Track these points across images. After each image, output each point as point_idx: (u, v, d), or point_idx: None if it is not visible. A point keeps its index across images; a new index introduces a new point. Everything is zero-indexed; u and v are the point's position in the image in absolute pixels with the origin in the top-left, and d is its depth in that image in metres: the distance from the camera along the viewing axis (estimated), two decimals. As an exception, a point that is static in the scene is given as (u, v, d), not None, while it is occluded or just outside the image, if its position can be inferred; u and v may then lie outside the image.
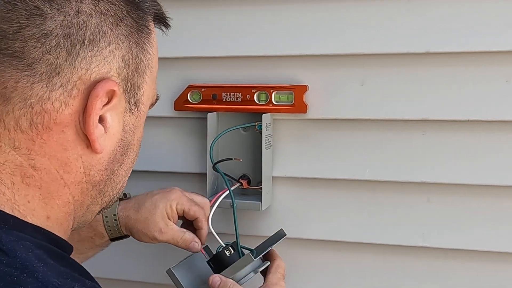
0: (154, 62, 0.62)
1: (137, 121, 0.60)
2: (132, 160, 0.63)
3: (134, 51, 0.57)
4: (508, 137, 0.87)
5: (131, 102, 0.58)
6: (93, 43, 0.53)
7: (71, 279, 0.49)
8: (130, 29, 0.57)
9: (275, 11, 0.94)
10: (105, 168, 0.58)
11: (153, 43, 0.61)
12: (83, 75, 0.53)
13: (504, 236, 0.88)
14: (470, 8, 0.85)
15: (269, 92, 0.93)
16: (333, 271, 0.96)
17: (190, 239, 0.86)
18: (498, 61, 0.86)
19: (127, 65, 0.57)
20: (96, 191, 0.59)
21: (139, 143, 0.63)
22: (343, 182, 0.94)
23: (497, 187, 0.88)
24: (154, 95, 0.64)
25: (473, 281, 0.90)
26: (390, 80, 0.90)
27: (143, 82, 0.59)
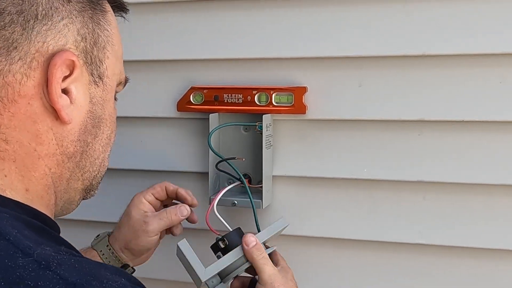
0: (115, 40, 0.64)
1: (104, 94, 0.62)
2: (107, 136, 0.64)
3: (89, 26, 0.60)
4: (502, 137, 0.87)
5: (94, 74, 0.61)
6: (46, 18, 0.56)
7: (45, 245, 0.50)
8: (82, 5, 0.59)
9: (275, 15, 0.93)
10: (77, 139, 0.59)
11: (110, 22, 0.64)
12: (40, 48, 0.55)
13: (498, 233, 0.88)
14: (465, 12, 0.85)
15: (269, 93, 0.93)
16: (332, 267, 0.96)
17: (175, 209, 0.85)
18: (492, 63, 0.85)
19: (84, 38, 0.59)
20: (73, 164, 0.60)
21: (111, 118, 0.65)
22: (342, 181, 0.94)
23: (491, 185, 0.88)
24: (121, 74, 0.67)
25: (468, 277, 0.90)
26: (387, 81, 0.90)
27: (104, 57, 0.62)
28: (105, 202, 1.06)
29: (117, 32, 0.65)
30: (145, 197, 0.87)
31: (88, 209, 1.06)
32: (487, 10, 0.85)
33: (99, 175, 0.66)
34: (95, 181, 0.66)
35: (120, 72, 0.66)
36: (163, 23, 0.99)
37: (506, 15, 0.84)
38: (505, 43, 0.84)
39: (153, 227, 0.84)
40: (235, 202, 0.91)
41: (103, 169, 0.66)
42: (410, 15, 0.87)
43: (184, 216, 0.85)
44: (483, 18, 0.85)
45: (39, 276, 0.46)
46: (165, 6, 0.99)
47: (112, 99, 0.65)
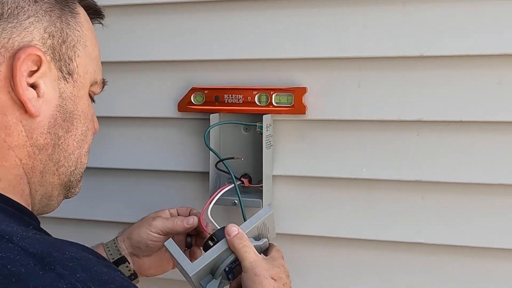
0: (88, 42, 0.67)
1: (75, 90, 0.65)
2: (82, 132, 0.66)
3: (57, 25, 0.63)
4: (499, 137, 0.87)
5: (63, 71, 0.63)
6: (11, 16, 0.59)
7: (12, 224, 0.52)
8: (49, 5, 0.63)
9: (275, 16, 0.94)
10: (47, 131, 0.62)
11: (82, 24, 0.67)
12: (5, 44, 0.59)
13: (495, 232, 0.88)
14: (463, 13, 0.86)
15: (270, 94, 0.93)
16: (331, 266, 0.97)
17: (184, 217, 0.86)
18: (489, 64, 0.86)
19: (52, 36, 0.62)
20: (45, 156, 0.62)
21: (85, 115, 0.67)
22: (341, 180, 0.94)
23: (489, 185, 0.88)
24: (95, 73, 0.69)
25: (466, 275, 0.91)
26: (385, 82, 0.90)
27: (74, 55, 0.65)
28: (107, 201, 1.07)
29: (90, 35, 0.68)
30: (170, 210, 0.89)
31: (89, 209, 1.07)
32: (484, 11, 0.85)
33: (76, 172, 0.67)
34: (74, 178, 0.67)
35: (95, 72, 0.68)
36: (164, 24, 0.99)
37: (503, 17, 0.84)
38: (502, 44, 0.84)
39: (157, 223, 0.85)
40: (235, 201, 0.92)
41: (81, 166, 0.68)
42: (409, 17, 0.88)
43: (190, 224, 0.85)
44: (481, 19, 0.85)
45: (1, 248, 0.49)
46: (166, 8, 0.99)
47: (85, 96, 0.67)
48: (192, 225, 0.85)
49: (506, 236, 0.88)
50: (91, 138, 0.70)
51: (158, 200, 1.03)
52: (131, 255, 0.87)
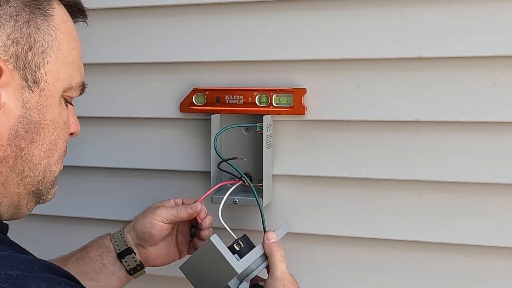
0: (64, 45, 0.63)
1: (42, 99, 0.60)
2: (51, 141, 0.63)
3: (24, 31, 0.58)
4: (496, 137, 0.87)
5: (28, 79, 0.59)
6: None
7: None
8: (16, 10, 0.58)
9: (275, 18, 0.94)
10: (6, 143, 0.58)
11: (57, 27, 0.62)
12: None
13: (492, 230, 0.88)
14: (459, 16, 0.86)
15: (270, 94, 0.93)
16: (330, 264, 0.97)
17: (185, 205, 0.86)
18: (485, 65, 0.86)
19: (16, 43, 0.58)
20: (5, 168, 0.59)
21: (55, 123, 0.63)
22: (340, 179, 0.94)
23: (485, 184, 0.88)
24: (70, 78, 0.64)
25: (462, 273, 0.91)
26: (384, 83, 0.90)
27: (43, 62, 0.60)
28: (109, 200, 1.08)
29: (66, 37, 0.63)
30: (175, 200, 0.89)
31: (92, 207, 1.08)
32: (481, 14, 0.85)
33: (45, 180, 0.64)
34: (43, 186, 0.64)
35: (70, 77, 0.64)
36: (166, 26, 0.99)
37: (499, 19, 0.84)
38: (498, 46, 0.85)
39: (161, 211, 0.84)
40: (236, 200, 0.92)
41: (50, 174, 0.64)
42: (406, 19, 0.88)
43: (193, 210, 0.84)
44: (477, 22, 0.85)
45: None
46: (169, 10, 0.99)
47: (55, 104, 0.63)
48: (196, 211, 0.84)
49: (502, 234, 0.88)
50: (63, 145, 0.66)
51: (160, 199, 1.00)
52: (137, 246, 0.86)
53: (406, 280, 0.94)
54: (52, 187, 0.66)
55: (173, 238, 0.90)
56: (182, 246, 0.90)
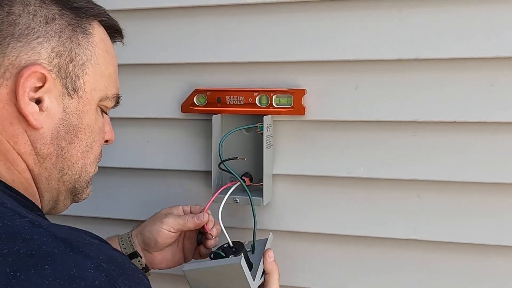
0: (101, 60, 0.69)
1: (80, 105, 0.67)
2: (87, 144, 0.69)
3: (66, 45, 0.65)
4: (493, 137, 0.87)
5: (68, 87, 0.66)
6: (21, 36, 0.62)
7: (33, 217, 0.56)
8: (60, 27, 0.65)
9: (275, 20, 0.94)
10: (50, 142, 0.65)
11: (96, 44, 0.69)
12: (13, 61, 0.62)
13: (489, 229, 0.89)
14: (457, 18, 0.86)
15: (270, 95, 0.93)
16: (329, 262, 0.97)
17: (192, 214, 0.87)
18: (482, 67, 0.86)
19: (59, 55, 0.65)
20: (49, 164, 0.66)
21: (91, 128, 0.69)
22: (339, 179, 0.95)
23: (483, 184, 0.88)
24: (106, 89, 0.70)
25: (460, 271, 0.91)
26: (382, 84, 0.91)
27: (82, 73, 0.67)
28: (111, 199, 1.08)
29: (104, 54, 0.70)
30: (183, 207, 0.90)
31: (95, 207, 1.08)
32: (478, 16, 0.85)
33: (81, 179, 0.70)
34: (79, 185, 0.70)
35: (106, 88, 0.70)
36: (168, 28, 1.00)
37: (496, 21, 0.85)
38: (495, 48, 0.85)
39: (168, 220, 0.86)
40: (237, 199, 0.92)
41: (86, 173, 0.70)
42: (405, 21, 0.88)
43: (200, 220, 0.86)
44: (474, 23, 0.86)
45: (34, 232, 0.53)
46: (170, 12, 1.00)
47: (92, 111, 0.69)
48: (203, 222, 0.86)
49: (500, 233, 0.88)
50: (99, 149, 0.72)
51: (162, 198, 1.04)
52: (143, 250, 0.88)
53: (405, 279, 0.94)
54: (87, 187, 0.72)
55: (180, 244, 0.91)
56: (188, 251, 0.92)
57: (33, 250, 0.51)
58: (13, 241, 0.51)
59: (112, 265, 0.53)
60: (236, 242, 0.86)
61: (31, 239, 0.52)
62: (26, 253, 0.51)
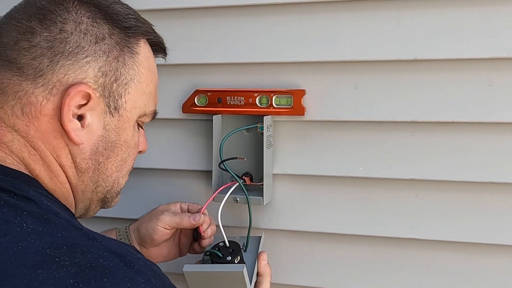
0: (144, 78, 0.70)
1: (120, 123, 0.68)
2: (122, 158, 0.71)
3: (113, 65, 0.66)
4: (490, 137, 0.88)
5: (110, 106, 0.67)
6: (71, 54, 0.63)
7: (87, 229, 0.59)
8: (109, 47, 0.66)
9: (275, 22, 0.94)
10: (89, 157, 0.67)
11: (140, 63, 0.70)
12: (61, 78, 0.63)
13: (486, 228, 0.89)
14: (455, 19, 0.86)
15: (270, 96, 0.94)
16: (328, 261, 0.97)
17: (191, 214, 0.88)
18: (480, 67, 0.86)
19: (105, 75, 0.66)
20: (86, 178, 0.68)
21: (128, 144, 0.71)
22: (338, 179, 0.95)
23: (480, 183, 0.89)
24: (145, 106, 0.72)
25: (458, 270, 0.91)
26: (381, 84, 0.91)
27: (125, 92, 0.68)
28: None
29: (147, 72, 0.71)
30: (181, 204, 0.91)
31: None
32: (475, 17, 0.86)
33: (113, 190, 0.72)
34: (109, 195, 0.73)
35: (145, 105, 0.72)
36: (169, 29, 0.98)
37: (493, 22, 0.85)
38: (492, 48, 0.85)
39: (164, 218, 0.87)
40: (237, 199, 0.93)
41: (118, 185, 0.73)
42: (403, 22, 0.89)
43: (196, 221, 0.87)
44: (472, 24, 0.86)
45: (90, 245, 0.55)
46: (171, 14, 1.00)
47: (130, 128, 0.70)
48: (198, 223, 0.87)
49: (497, 232, 0.89)
50: (132, 162, 0.74)
51: (163, 197, 1.03)
52: (139, 245, 0.89)
53: (404, 278, 0.94)
54: (116, 196, 0.75)
55: (176, 239, 0.92)
56: (184, 246, 0.93)
57: (92, 263, 0.53)
58: (74, 253, 0.53)
59: (159, 281, 0.56)
60: (232, 242, 0.87)
61: (88, 252, 0.54)
62: (86, 265, 0.53)
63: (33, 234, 0.54)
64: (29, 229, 0.54)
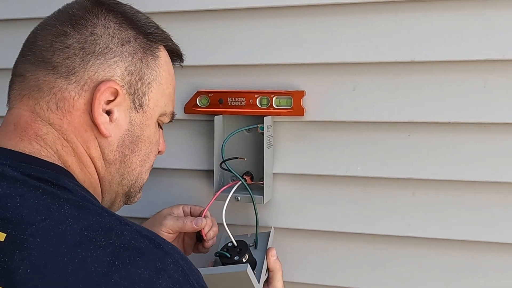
0: (164, 80, 0.76)
1: (144, 119, 0.73)
2: (145, 153, 0.75)
3: (137, 65, 0.71)
4: (486, 137, 0.88)
5: (135, 102, 0.72)
6: (101, 54, 0.69)
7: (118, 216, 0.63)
8: (134, 49, 0.71)
9: (275, 24, 0.95)
10: (116, 149, 0.71)
11: (161, 66, 0.75)
12: (92, 76, 0.68)
13: (481, 226, 0.90)
14: (451, 22, 0.87)
15: (270, 97, 0.94)
16: (327, 258, 0.98)
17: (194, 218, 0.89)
18: (476, 69, 0.87)
19: (131, 73, 0.71)
20: (113, 169, 0.72)
21: (150, 140, 0.75)
22: (337, 178, 0.95)
23: (476, 182, 0.89)
24: (165, 106, 0.77)
25: (453, 267, 0.92)
26: (379, 86, 0.91)
27: (148, 91, 0.73)
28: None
29: (167, 75, 0.77)
30: (183, 207, 0.93)
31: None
32: (471, 20, 0.86)
33: (136, 184, 0.76)
34: (133, 189, 0.76)
35: (165, 105, 0.77)
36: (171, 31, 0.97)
37: (488, 25, 0.86)
38: (488, 50, 0.86)
39: (168, 223, 0.89)
40: (238, 197, 0.93)
41: (141, 180, 0.77)
42: (401, 25, 0.89)
43: (198, 226, 0.88)
44: (467, 27, 0.87)
45: (123, 228, 0.59)
46: (174, 16, 1.01)
47: (152, 124, 0.75)
48: (200, 227, 0.89)
49: (491, 230, 0.89)
50: (154, 158, 0.78)
51: (166, 196, 1.04)
52: None
53: (400, 274, 0.95)
54: (139, 192, 0.79)
55: (180, 240, 0.94)
56: (188, 247, 0.94)
57: (125, 244, 0.57)
58: (109, 235, 0.57)
59: (185, 263, 0.60)
60: (240, 241, 0.88)
61: (122, 235, 0.58)
62: (121, 245, 0.57)
63: (71, 218, 0.57)
64: (67, 214, 0.58)
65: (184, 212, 0.92)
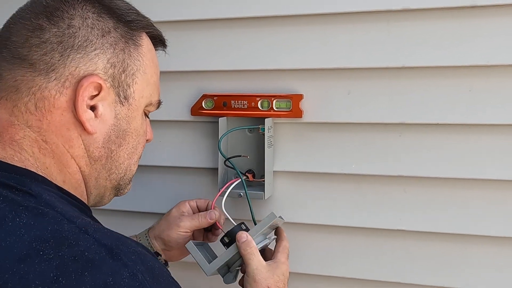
0: (148, 69, 0.69)
1: (130, 112, 0.67)
2: (133, 146, 0.69)
3: (120, 56, 0.65)
4: (471, 138, 0.89)
5: (120, 95, 0.66)
6: (81, 48, 0.62)
7: (84, 218, 0.57)
8: (115, 40, 0.65)
9: (276, 32, 0.95)
10: (102, 146, 0.65)
11: (144, 54, 0.69)
12: (73, 71, 0.62)
13: (468, 220, 0.90)
14: (439, 30, 0.88)
15: (271, 100, 0.95)
16: (324, 250, 0.98)
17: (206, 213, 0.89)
18: (462, 74, 0.88)
19: (114, 66, 0.64)
20: (99, 166, 0.66)
21: (137, 132, 0.70)
22: (333, 175, 0.96)
23: (463, 179, 0.90)
24: (151, 96, 0.71)
25: (442, 259, 0.92)
26: (372, 90, 0.92)
27: (133, 82, 0.67)
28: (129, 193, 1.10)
29: (150, 63, 0.70)
30: (189, 202, 0.91)
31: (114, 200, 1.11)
32: (457, 29, 0.87)
33: (125, 177, 0.71)
34: (123, 182, 0.71)
35: (151, 95, 0.71)
36: (180, 39, 1.01)
37: (473, 33, 0.86)
38: (473, 57, 0.87)
39: (184, 224, 0.88)
40: (241, 194, 0.94)
41: (130, 172, 0.72)
42: (392, 33, 0.90)
43: (212, 219, 0.88)
44: (454, 35, 0.87)
45: (80, 237, 0.53)
46: (181, 25, 1.01)
47: (139, 116, 0.69)
48: (215, 219, 0.88)
49: (478, 223, 0.90)
50: (142, 149, 0.73)
51: (173, 192, 1.05)
52: (163, 250, 0.90)
53: (391, 264, 0.95)
54: (129, 183, 0.73)
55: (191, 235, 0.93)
56: (198, 239, 0.94)
57: (76, 255, 0.51)
58: (60, 246, 0.51)
59: (148, 276, 0.53)
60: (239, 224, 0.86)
61: (76, 245, 0.52)
62: (70, 258, 0.51)
63: (23, 228, 0.52)
64: (21, 224, 0.52)
65: (192, 208, 0.92)
